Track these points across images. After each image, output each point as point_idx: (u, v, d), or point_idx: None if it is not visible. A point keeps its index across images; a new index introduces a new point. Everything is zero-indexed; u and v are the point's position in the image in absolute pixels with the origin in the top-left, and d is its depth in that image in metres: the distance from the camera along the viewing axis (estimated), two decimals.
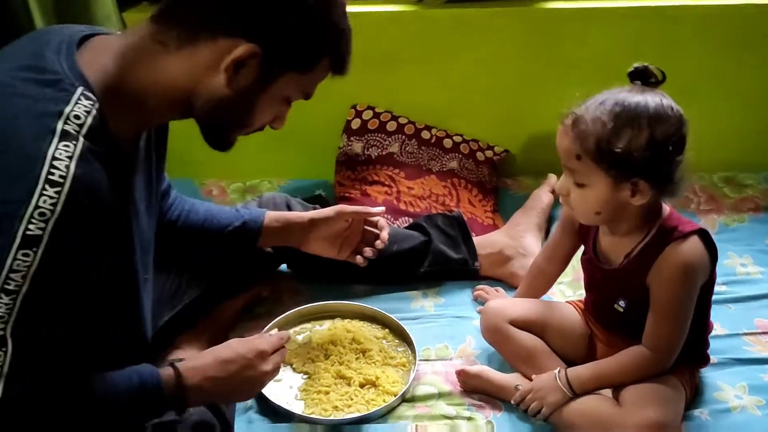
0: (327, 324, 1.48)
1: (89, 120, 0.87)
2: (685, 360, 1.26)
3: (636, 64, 1.15)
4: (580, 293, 1.45)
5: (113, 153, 0.91)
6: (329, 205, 1.83)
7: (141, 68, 0.93)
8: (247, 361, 1.05)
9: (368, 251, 1.42)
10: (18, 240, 0.82)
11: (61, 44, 0.92)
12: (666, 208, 1.21)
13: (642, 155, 1.09)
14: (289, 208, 1.53)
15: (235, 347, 1.07)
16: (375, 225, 1.44)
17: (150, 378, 0.97)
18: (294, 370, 1.37)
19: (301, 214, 1.42)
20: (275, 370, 1.10)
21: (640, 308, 1.22)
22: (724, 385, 1.33)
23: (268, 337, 1.12)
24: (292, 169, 1.98)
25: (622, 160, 1.09)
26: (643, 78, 1.15)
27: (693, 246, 1.17)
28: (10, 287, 0.82)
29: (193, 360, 1.05)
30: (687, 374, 1.27)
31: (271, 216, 1.39)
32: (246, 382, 1.06)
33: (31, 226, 0.82)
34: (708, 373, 1.35)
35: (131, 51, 0.93)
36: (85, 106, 0.87)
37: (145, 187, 1.07)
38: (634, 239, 1.20)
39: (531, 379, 1.29)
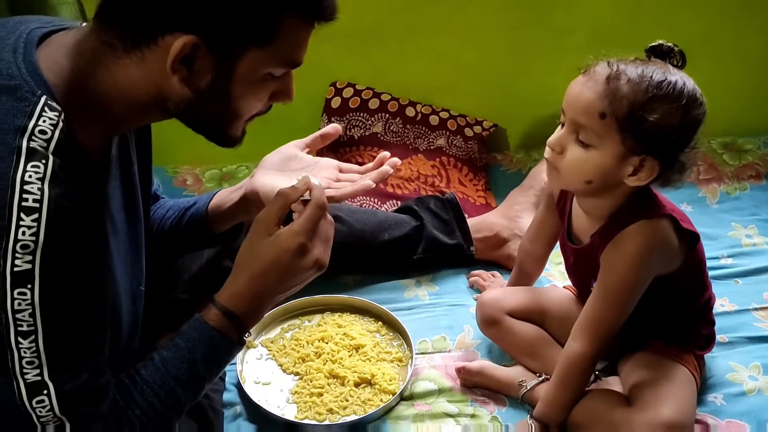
0: (316, 319, 1.40)
1: (57, 134, 0.79)
2: (691, 346, 1.20)
3: (661, 41, 1.06)
4: None
5: (84, 166, 0.83)
6: None
7: (98, 72, 0.83)
8: (286, 265, 0.95)
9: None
10: (9, 279, 0.76)
11: (18, 42, 0.81)
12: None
13: (670, 132, 1.01)
14: None
15: (263, 256, 0.94)
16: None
17: (205, 331, 0.94)
18: (284, 371, 1.30)
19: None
20: (324, 245, 0.98)
21: None
22: (737, 366, 1.28)
23: (287, 231, 0.95)
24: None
25: (648, 132, 1.00)
26: (664, 57, 1.05)
27: (654, 228, 1.08)
28: (24, 328, 0.77)
29: (229, 287, 0.96)
30: (695, 361, 1.20)
31: (218, 197, 1.22)
32: (299, 276, 0.97)
33: (17, 262, 0.75)
34: (719, 353, 1.29)
35: (87, 52, 0.83)
36: (51, 119, 0.79)
37: (124, 194, 0.98)
38: (603, 219, 1.12)
39: (534, 372, 1.23)
